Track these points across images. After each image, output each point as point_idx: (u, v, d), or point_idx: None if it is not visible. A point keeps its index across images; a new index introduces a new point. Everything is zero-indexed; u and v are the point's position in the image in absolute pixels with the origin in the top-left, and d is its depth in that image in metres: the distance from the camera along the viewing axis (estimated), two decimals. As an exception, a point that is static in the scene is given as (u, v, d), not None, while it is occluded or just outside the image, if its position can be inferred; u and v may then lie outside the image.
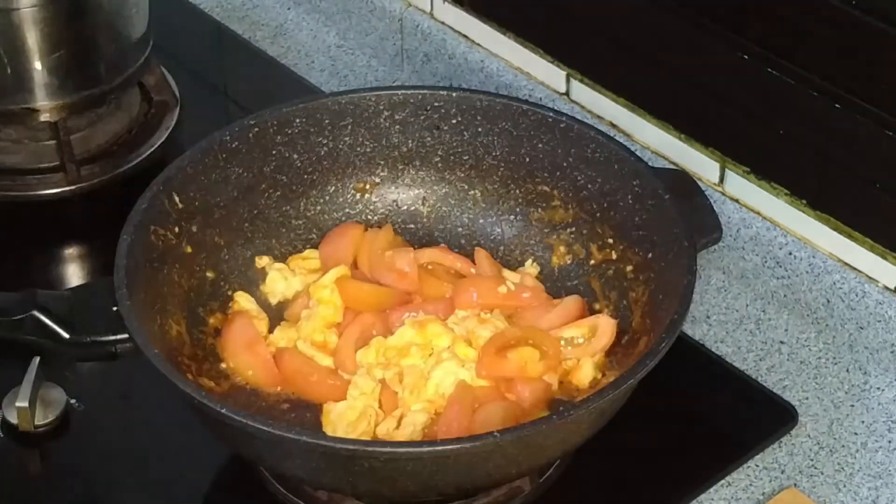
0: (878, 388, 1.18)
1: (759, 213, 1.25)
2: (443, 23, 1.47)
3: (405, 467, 0.96)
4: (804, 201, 1.21)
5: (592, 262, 1.19)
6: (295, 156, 1.21)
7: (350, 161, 1.23)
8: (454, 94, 1.22)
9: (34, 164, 1.36)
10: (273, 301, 1.19)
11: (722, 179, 1.27)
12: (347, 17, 1.56)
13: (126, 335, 1.02)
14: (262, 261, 1.20)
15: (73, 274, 1.33)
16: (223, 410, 0.95)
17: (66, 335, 1.05)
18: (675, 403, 1.16)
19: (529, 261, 1.22)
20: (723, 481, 1.10)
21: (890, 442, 1.14)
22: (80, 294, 1.08)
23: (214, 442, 1.04)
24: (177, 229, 1.13)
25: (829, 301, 1.21)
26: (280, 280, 1.19)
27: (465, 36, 1.45)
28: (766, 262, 1.25)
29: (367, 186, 1.24)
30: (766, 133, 1.21)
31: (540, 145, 1.20)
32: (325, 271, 1.18)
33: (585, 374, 1.11)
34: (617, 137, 1.25)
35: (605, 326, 1.13)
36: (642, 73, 1.30)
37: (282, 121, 1.20)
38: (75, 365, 1.18)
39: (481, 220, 1.24)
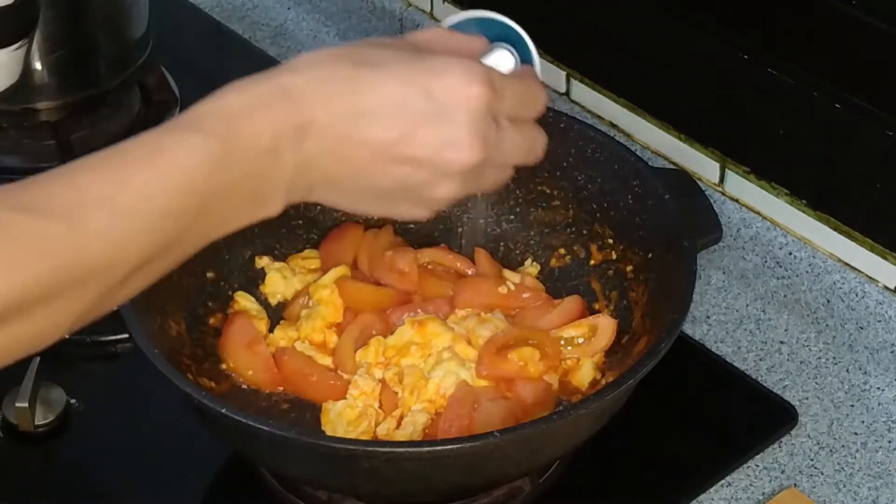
0: (878, 388, 1.18)
1: (759, 213, 1.25)
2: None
3: (405, 467, 0.96)
4: (804, 201, 1.21)
5: (592, 262, 1.19)
6: (295, 156, 1.21)
7: (350, 161, 1.23)
8: (454, 94, 1.21)
9: (34, 164, 1.36)
10: (273, 301, 1.19)
11: (722, 179, 1.27)
12: (347, 17, 1.56)
13: (126, 335, 1.02)
14: (262, 261, 1.20)
15: (73, 274, 1.33)
16: (223, 410, 0.95)
17: (66, 335, 1.04)
18: (675, 403, 1.16)
19: (529, 261, 1.22)
20: (723, 481, 1.10)
21: (890, 442, 1.14)
22: (80, 294, 1.07)
23: (214, 442, 1.04)
24: (177, 229, 1.13)
25: (829, 301, 1.21)
26: (280, 280, 1.19)
27: (465, 36, 1.45)
28: (766, 262, 1.25)
29: (368, 186, 1.24)
30: (766, 133, 1.21)
31: (540, 145, 1.20)
32: (325, 271, 1.18)
33: (585, 374, 1.11)
34: (617, 137, 1.25)
35: (605, 326, 1.13)
36: (642, 73, 1.30)
37: (282, 121, 1.19)
38: (75, 365, 1.18)
39: (481, 220, 1.24)
